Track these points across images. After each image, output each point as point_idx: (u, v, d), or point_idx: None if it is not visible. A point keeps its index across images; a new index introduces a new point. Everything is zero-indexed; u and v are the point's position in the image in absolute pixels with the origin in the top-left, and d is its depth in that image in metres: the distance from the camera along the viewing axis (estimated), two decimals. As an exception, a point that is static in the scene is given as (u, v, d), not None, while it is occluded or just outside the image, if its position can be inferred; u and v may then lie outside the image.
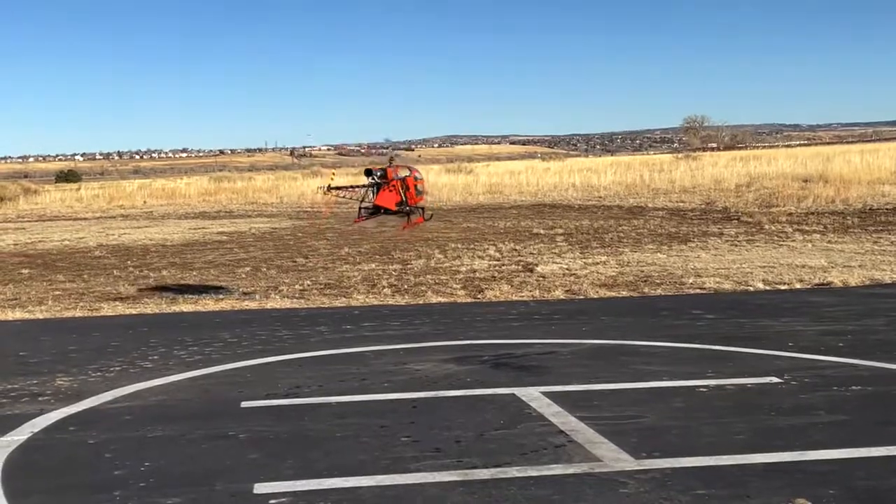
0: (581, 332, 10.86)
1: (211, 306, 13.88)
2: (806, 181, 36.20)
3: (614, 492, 5.62)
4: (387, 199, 13.67)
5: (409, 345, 10.32)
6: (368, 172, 13.98)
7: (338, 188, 14.38)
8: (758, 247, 19.86)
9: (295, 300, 14.31)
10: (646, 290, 14.39)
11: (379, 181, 13.68)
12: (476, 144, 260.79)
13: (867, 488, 5.60)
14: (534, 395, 7.88)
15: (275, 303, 14.07)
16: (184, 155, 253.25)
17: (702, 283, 14.76)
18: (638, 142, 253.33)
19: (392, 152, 14.34)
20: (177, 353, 10.18)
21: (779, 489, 5.60)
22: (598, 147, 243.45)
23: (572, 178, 48.62)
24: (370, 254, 20.74)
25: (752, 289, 14.21)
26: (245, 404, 7.90)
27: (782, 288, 14.26)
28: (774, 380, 8.33)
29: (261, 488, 5.80)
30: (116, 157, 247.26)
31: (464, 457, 6.30)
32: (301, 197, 46.23)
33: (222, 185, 58.23)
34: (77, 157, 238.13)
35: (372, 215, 14.17)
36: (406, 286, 15.39)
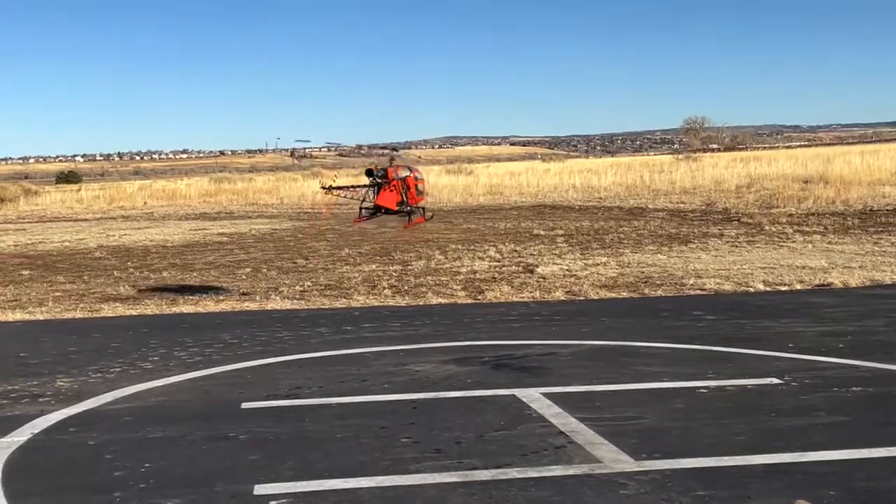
0: (581, 334, 10.86)
1: (211, 307, 13.88)
2: (806, 182, 36.18)
3: (614, 493, 5.62)
4: (388, 199, 13.68)
5: (410, 346, 10.32)
6: (369, 172, 13.98)
7: (338, 188, 14.39)
8: (758, 248, 19.86)
9: (295, 301, 14.32)
10: (646, 291, 14.39)
11: (380, 181, 13.69)
12: (476, 145, 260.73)
13: (868, 489, 5.60)
14: (534, 397, 7.88)
15: (275, 304, 14.07)
16: (184, 156, 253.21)
17: (702, 284, 14.77)
18: (638, 143, 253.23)
19: (392, 152, 14.33)
20: (177, 355, 10.18)
21: (779, 490, 5.60)
22: (598, 148, 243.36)
23: (573, 179, 48.60)
24: (370, 255, 20.74)
25: (752, 290, 14.21)
26: (245, 405, 7.90)
27: (783, 289, 14.26)
28: (775, 381, 8.33)
29: (261, 489, 5.80)
30: (117, 158, 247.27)
31: (464, 458, 6.30)
32: (301, 198, 46.24)
33: (223, 186, 58.20)
34: (77, 158, 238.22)
35: (373, 215, 14.17)
36: (406, 287, 15.39)
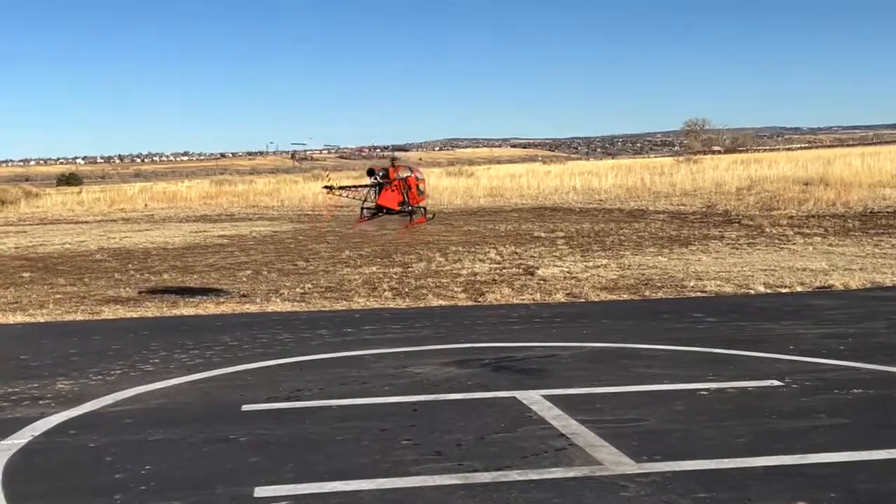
0: (582, 336, 10.85)
1: (212, 310, 13.88)
2: (807, 184, 36.17)
3: (615, 495, 5.61)
4: (389, 199, 13.70)
5: (410, 348, 10.32)
6: (371, 172, 14.00)
7: (340, 188, 14.40)
8: (759, 250, 19.86)
9: (296, 303, 14.31)
10: (647, 293, 14.38)
11: (381, 181, 13.71)
12: (477, 147, 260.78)
13: (868, 491, 5.60)
14: (535, 399, 7.88)
15: (276, 306, 14.07)
16: (185, 158, 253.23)
17: (703, 286, 14.76)
18: (639, 145, 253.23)
19: (394, 153, 14.37)
20: (178, 357, 10.17)
21: (780, 492, 5.60)
22: (598, 150, 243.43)
23: (573, 181, 48.61)
24: (371, 257, 20.74)
25: (752, 292, 14.20)
26: (246, 407, 7.90)
27: (783, 291, 14.25)
28: (775, 383, 8.33)
29: (261, 492, 5.79)
30: (118, 161, 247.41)
31: (464, 460, 6.29)
32: (302, 200, 46.25)
33: (223, 188, 58.25)
34: (78, 161, 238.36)
35: (374, 216, 14.18)
36: (407, 289, 15.39)
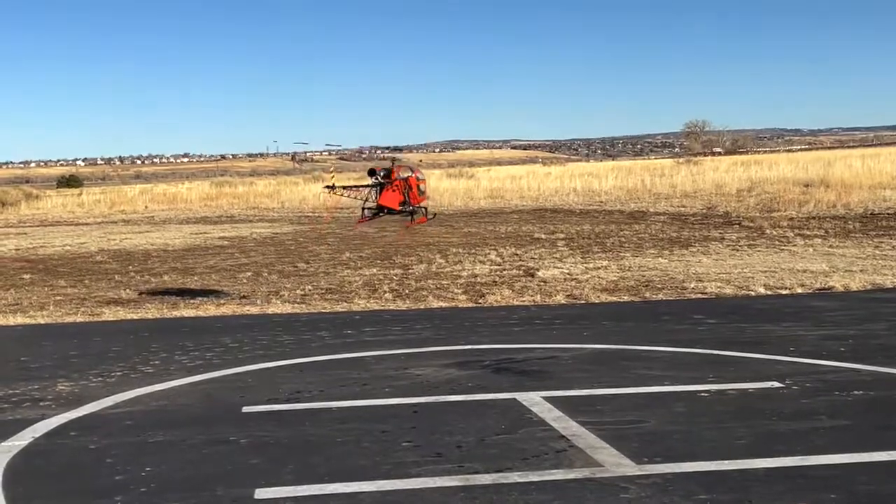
0: (582, 337, 10.85)
1: (212, 311, 13.88)
2: (807, 186, 36.17)
3: (615, 497, 5.61)
4: (390, 199, 13.73)
5: (411, 349, 10.31)
6: (372, 172, 14.04)
7: (342, 188, 14.45)
8: (759, 251, 19.86)
9: (296, 305, 14.31)
10: (647, 294, 14.38)
11: (382, 181, 13.74)
12: (477, 149, 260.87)
13: (869, 493, 5.60)
14: (535, 400, 7.87)
15: (276, 308, 14.06)
16: (185, 160, 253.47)
17: (703, 287, 14.76)
18: (639, 146, 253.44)
19: (394, 154, 14.40)
20: (178, 358, 10.17)
21: (780, 494, 5.60)
22: (599, 152, 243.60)
23: (573, 182, 48.64)
24: (371, 258, 20.74)
25: (753, 293, 14.20)
26: (246, 409, 7.90)
27: (784, 293, 14.25)
28: (776, 384, 8.32)
29: (262, 493, 5.79)
30: (118, 162, 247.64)
31: (465, 462, 6.29)
32: (302, 202, 46.28)
33: (224, 189, 58.32)
34: (79, 162, 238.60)
35: (376, 215, 14.21)
36: (407, 291, 15.39)
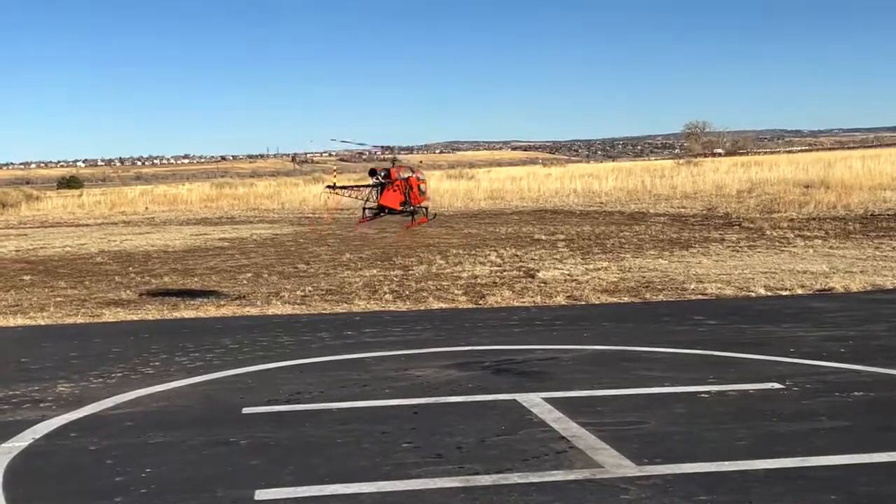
0: (582, 338, 10.85)
1: (212, 312, 13.88)
2: (807, 187, 36.18)
3: (616, 498, 5.61)
4: (391, 199, 13.75)
5: (411, 350, 10.32)
6: (373, 172, 14.06)
7: (343, 188, 14.49)
8: (759, 252, 19.86)
9: (296, 306, 14.31)
10: (647, 295, 14.38)
11: (383, 181, 13.76)
12: (477, 150, 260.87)
13: (869, 494, 5.60)
14: (535, 401, 7.87)
15: (276, 309, 14.07)
16: (185, 161, 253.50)
17: (703, 288, 14.76)
18: (639, 147, 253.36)
19: (391, 153, 14.41)
20: (178, 360, 10.17)
21: (781, 495, 5.60)
22: (599, 153, 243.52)
23: (574, 183, 48.63)
24: (371, 260, 20.75)
25: (753, 294, 14.20)
26: (246, 410, 7.90)
27: (784, 294, 14.25)
28: (776, 386, 8.32)
29: (262, 495, 5.79)
30: (118, 164, 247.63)
31: (465, 463, 6.29)
32: (303, 203, 46.28)
33: (224, 191, 58.31)
34: (79, 164, 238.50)
35: (376, 216, 14.23)
36: (407, 292, 15.39)
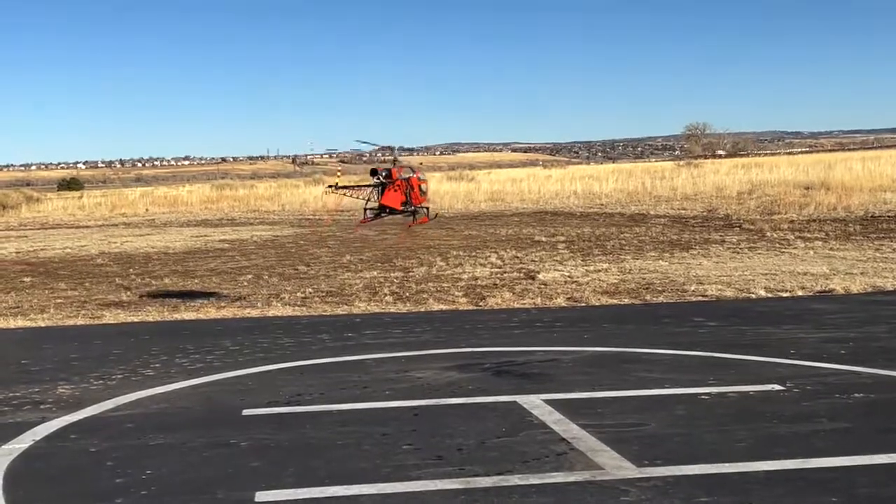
0: (583, 340, 10.85)
1: (213, 314, 13.88)
2: (808, 188, 36.18)
3: (616, 500, 5.61)
4: (392, 199, 13.77)
5: (411, 352, 10.32)
6: (374, 172, 14.08)
7: (344, 187, 14.51)
8: (760, 254, 19.86)
9: (297, 308, 14.31)
10: (648, 297, 14.39)
11: (384, 181, 13.78)
12: (478, 152, 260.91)
13: (869, 496, 5.60)
14: (535, 403, 7.87)
15: (276, 310, 14.07)
16: (186, 163, 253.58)
17: (704, 290, 14.76)
18: (639, 149, 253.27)
19: (392, 153, 14.43)
20: (178, 361, 10.18)
21: (781, 497, 5.60)
22: (599, 154, 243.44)
23: (574, 185, 48.65)
24: (372, 261, 20.75)
25: (753, 296, 14.20)
26: (247, 412, 7.90)
27: (784, 295, 14.25)
28: (776, 387, 8.32)
29: (262, 496, 5.79)
30: (118, 165, 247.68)
31: (465, 464, 6.29)
32: (303, 205, 46.29)
33: (224, 192, 58.28)
34: (79, 165, 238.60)
35: (378, 216, 14.24)
36: (408, 294, 15.39)
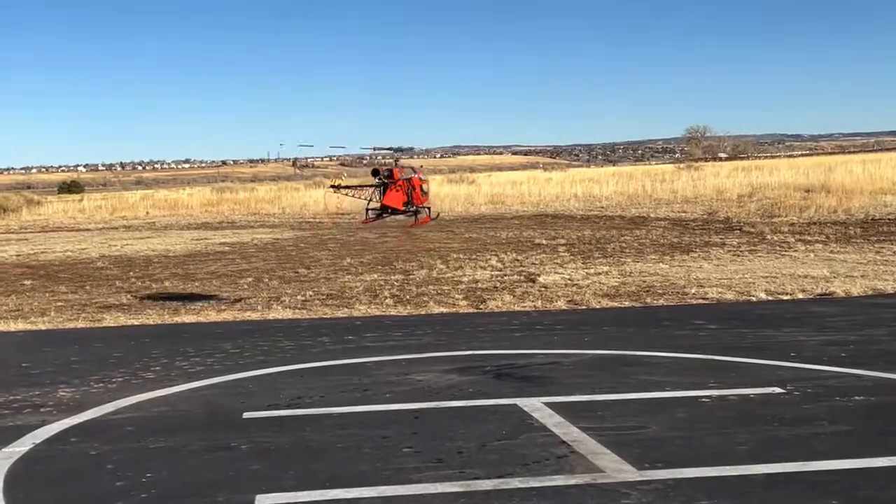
0: (583, 343, 10.85)
1: (213, 317, 13.88)
2: (808, 191, 36.22)
3: (616, 502, 5.61)
4: (394, 199, 13.79)
5: (411, 355, 10.31)
6: (375, 172, 14.10)
7: (346, 187, 14.53)
8: (760, 257, 19.86)
9: (297, 311, 14.31)
10: (648, 300, 14.38)
11: (386, 181, 13.80)
12: (478, 155, 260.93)
13: (869, 499, 5.59)
14: (536, 406, 7.87)
15: (277, 313, 14.07)
16: (186, 166, 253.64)
17: (704, 293, 14.76)
18: (640, 152, 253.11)
19: (396, 153, 14.43)
20: (179, 364, 10.18)
21: (781, 499, 5.59)
22: (600, 157, 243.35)
23: (574, 188, 48.71)
24: (372, 264, 20.75)
25: (754, 299, 14.20)
26: (247, 415, 7.90)
27: (784, 298, 14.25)
28: (777, 390, 8.32)
29: (262, 499, 5.79)
30: (119, 169, 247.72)
31: (466, 468, 6.29)
32: (303, 207, 46.32)
33: (225, 195, 58.31)
34: (80, 169, 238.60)
35: (379, 216, 14.26)
36: (408, 296, 15.39)
